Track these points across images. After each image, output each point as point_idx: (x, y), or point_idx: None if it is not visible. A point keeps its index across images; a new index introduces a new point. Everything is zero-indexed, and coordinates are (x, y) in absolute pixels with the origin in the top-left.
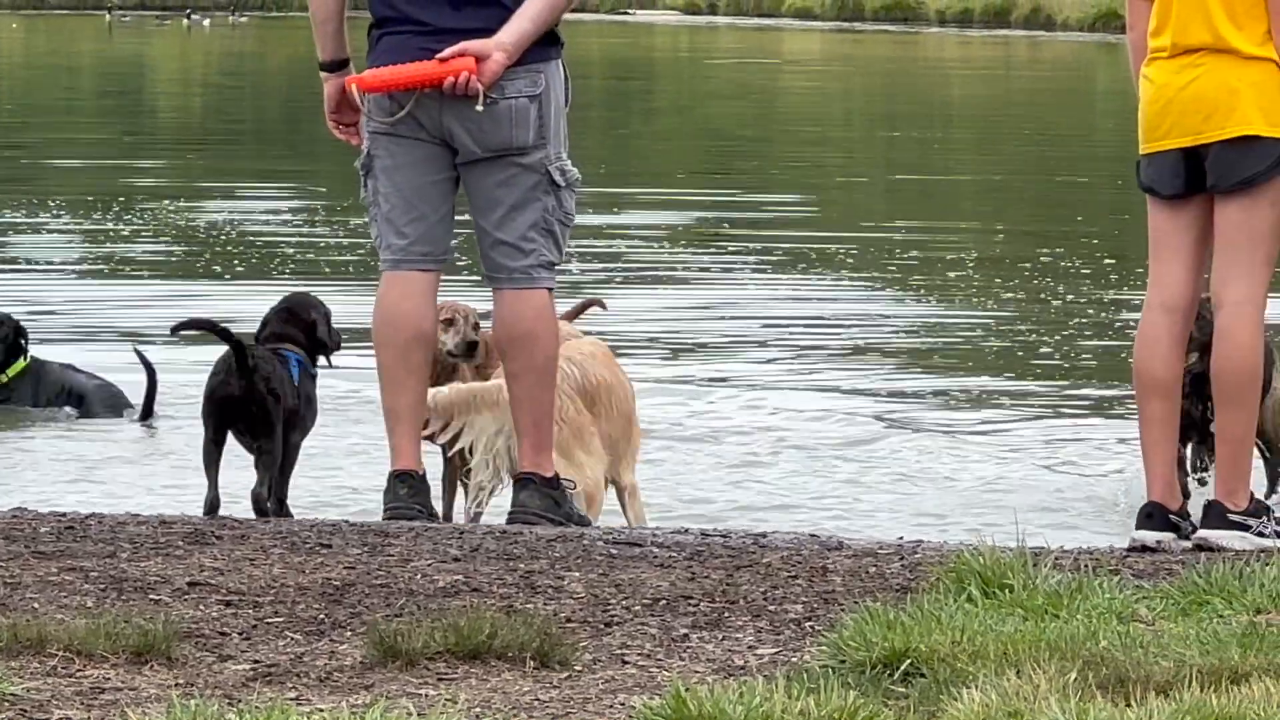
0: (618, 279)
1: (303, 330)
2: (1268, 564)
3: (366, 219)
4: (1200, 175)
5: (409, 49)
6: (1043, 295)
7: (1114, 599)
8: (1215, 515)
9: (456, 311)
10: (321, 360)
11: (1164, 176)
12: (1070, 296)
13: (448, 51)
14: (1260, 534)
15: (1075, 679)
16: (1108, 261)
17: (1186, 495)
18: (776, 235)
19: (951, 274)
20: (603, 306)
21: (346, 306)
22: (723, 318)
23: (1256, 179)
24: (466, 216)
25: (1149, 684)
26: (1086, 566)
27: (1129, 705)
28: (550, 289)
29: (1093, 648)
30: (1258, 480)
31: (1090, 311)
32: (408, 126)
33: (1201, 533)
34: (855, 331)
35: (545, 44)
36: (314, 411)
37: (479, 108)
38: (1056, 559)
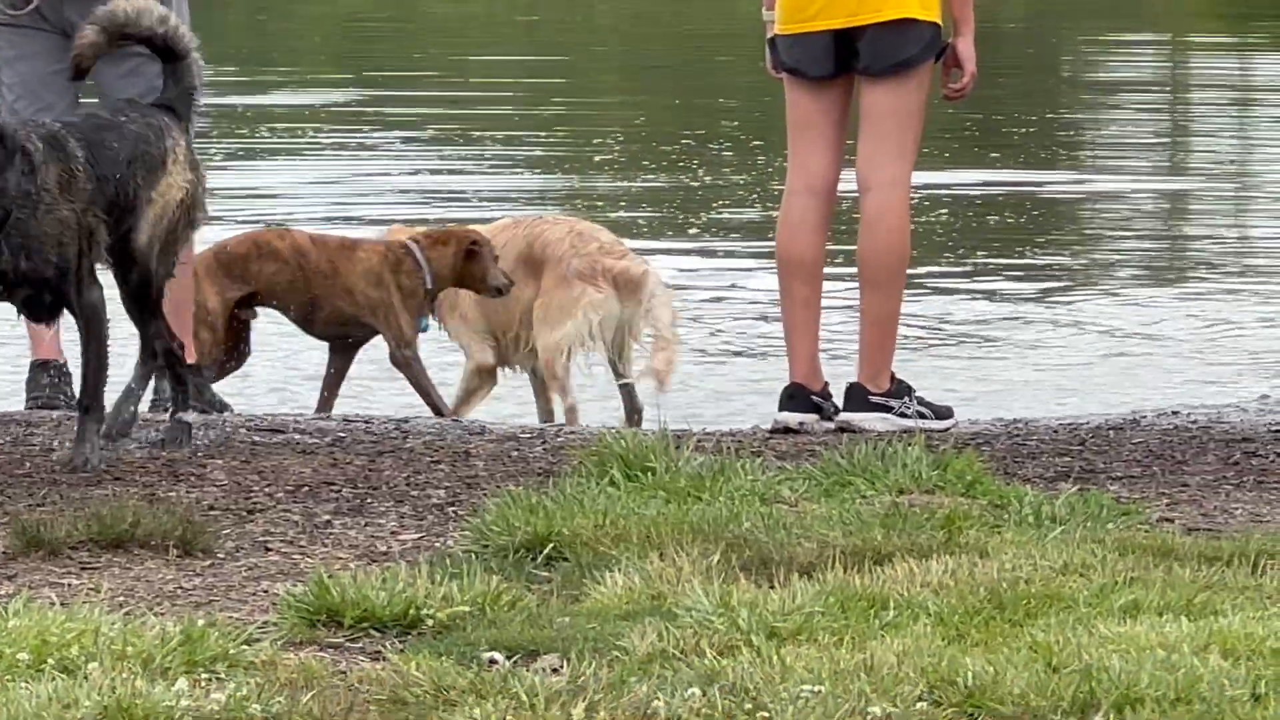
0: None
1: None
2: (910, 445)
3: None
4: (850, 57)
5: None
6: (684, 176)
7: (756, 481)
8: (857, 397)
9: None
10: None
11: (813, 57)
12: (710, 178)
13: None
14: (902, 415)
15: (718, 561)
16: (755, 143)
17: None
18: (422, 115)
19: (596, 156)
20: None
21: None
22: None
23: (910, 62)
24: None
25: (792, 565)
26: (729, 448)
27: (772, 587)
28: None
29: (736, 529)
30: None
31: (739, 192)
32: (30, 18)
33: (844, 414)
34: (502, 206)
35: None
36: None
37: None
38: (699, 441)
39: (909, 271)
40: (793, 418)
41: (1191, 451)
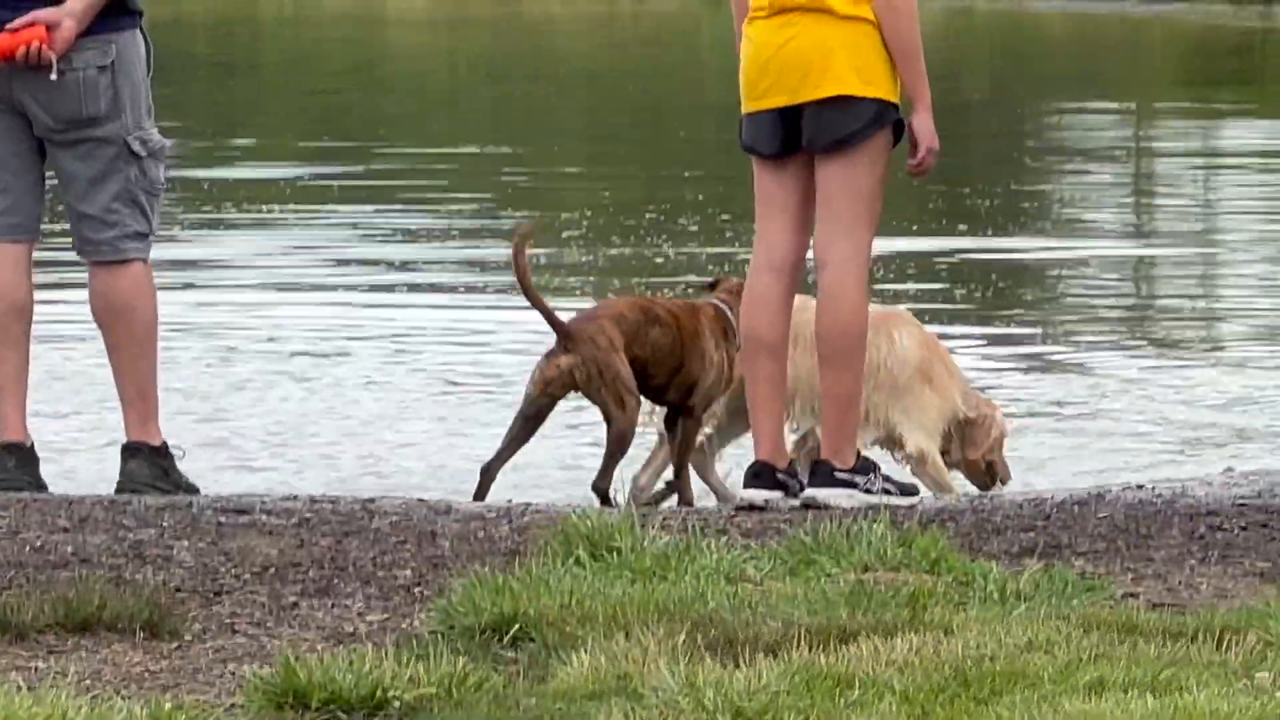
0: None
1: None
2: (875, 522)
3: None
4: (799, 134)
5: None
6: (648, 251)
7: (722, 559)
8: (823, 473)
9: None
10: None
11: (763, 136)
12: (674, 254)
13: (18, 21)
14: (868, 491)
15: (684, 640)
16: (723, 218)
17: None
18: (385, 188)
19: (564, 232)
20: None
21: None
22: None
23: (852, 138)
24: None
25: (758, 644)
26: (694, 527)
27: (738, 666)
28: (144, 260)
29: (701, 609)
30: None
31: (707, 266)
32: None
33: (809, 491)
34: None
35: (115, 14)
36: None
37: (52, 77)
38: (665, 520)
39: None
40: (758, 495)
41: (1156, 526)
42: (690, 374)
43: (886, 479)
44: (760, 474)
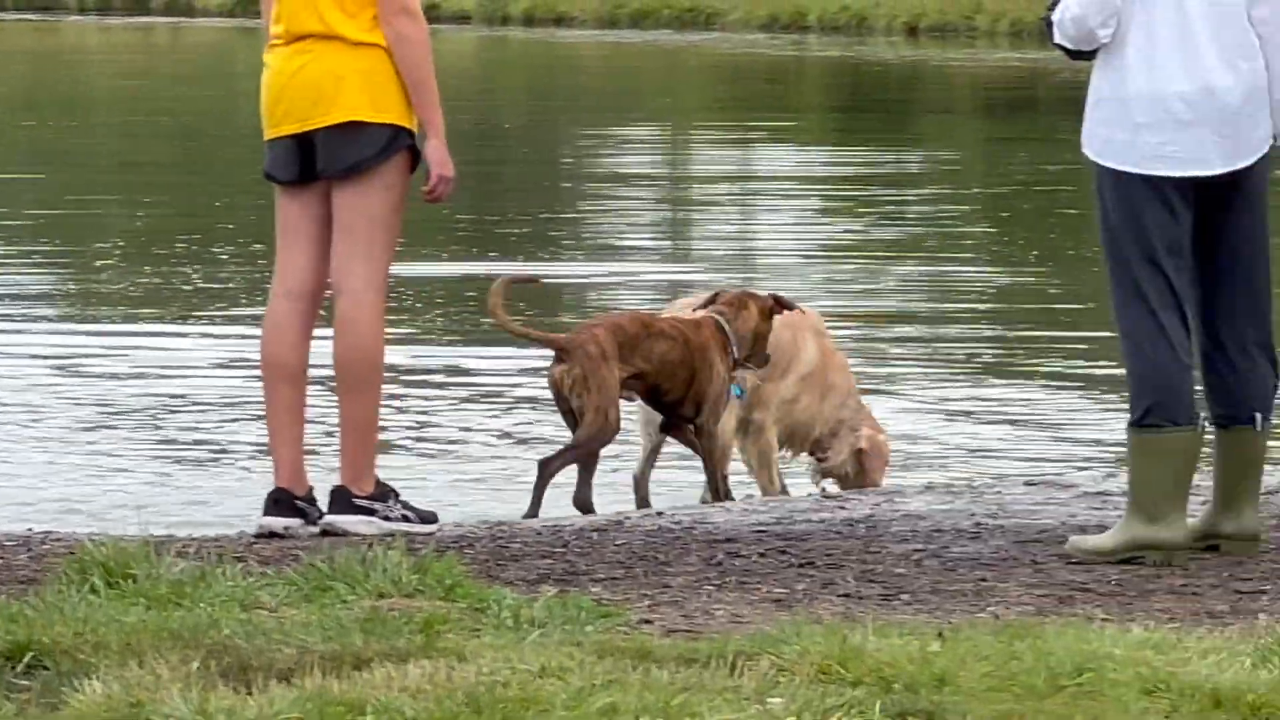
0: None
1: None
2: (391, 548)
3: None
4: (314, 161)
5: None
6: (176, 280)
7: (238, 587)
8: (342, 500)
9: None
10: None
11: (281, 163)
12: (200, 281)
13: None
14: (386, 518)
15: (198, 668)
16: (256, 246)
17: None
18: None
19: (97, 261)
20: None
21: None
22: None
23: (364, 164)
24: None
25: (271, 671)
26: (211, 554)
27: (250, 693)
28: None
29: (215, 636)
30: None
31: (237, 297)
32: None
33: (328, 518)
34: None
35: None
36: None
37: None
38: (183, 547)
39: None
40: (277, 522)
41: (675, 553)
42: (701, 386)
43: (406, 506)
44: (279, 501)
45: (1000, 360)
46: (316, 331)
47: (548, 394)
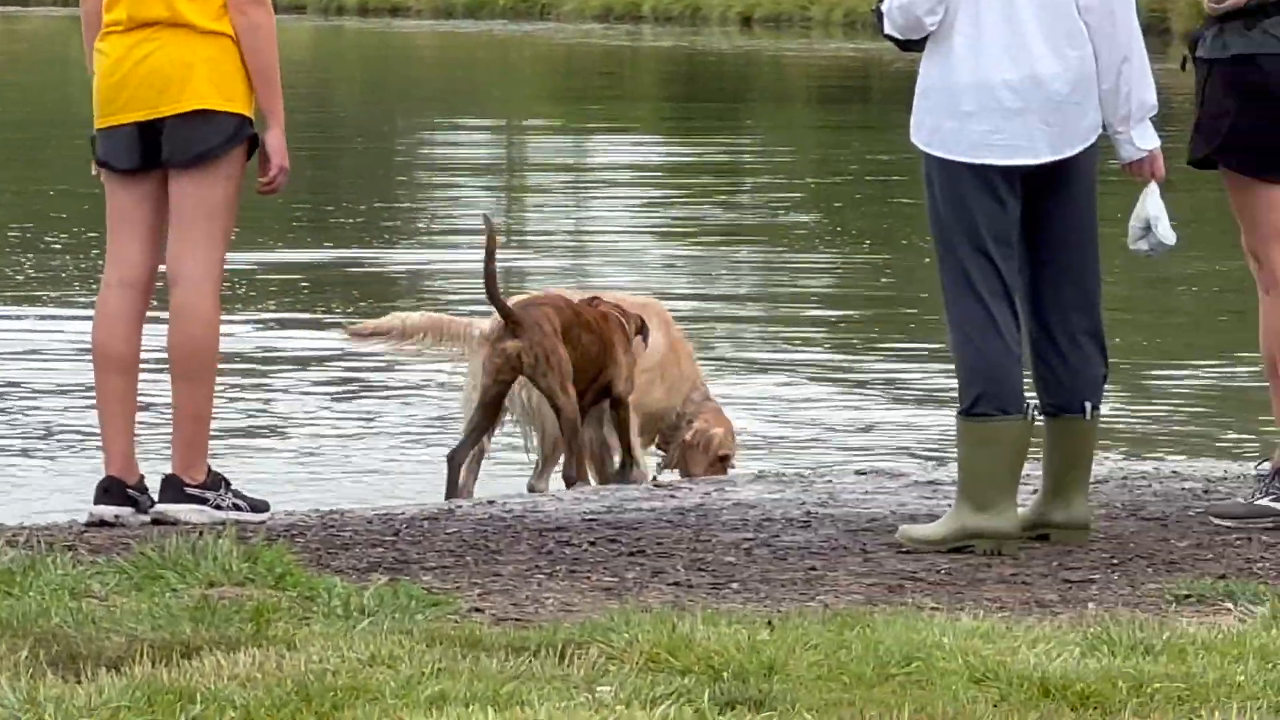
0: None
1: None
2: (222, 537)
3: None
4: (157, 149)
5: None
6: (10, 269)
7: (67, 575)
8: (173, 488)
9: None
10: None
11: (120, 150)
12: (32, 270)
13: None
14: (218, 507)
15: (26, 657)
16: (89, 235)
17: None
18: None
19: None
20: None
21: None
22: None
23: (210, 153)
24: None
25: (100, 659)
26: (41, 543)
27: (79, 682)
28: None
29: (45, 624)
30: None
31: (68, 284)
32: None
33: (160, 506)
34: None
35: None
36: None
37: None
38: (12, 535)
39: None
40: (108, 511)
41: (506, 541)
42: (610, 377)
43: (237, 494)
44: (110, 489)
45: (835, 347)
46: (149, 318)
47: (386, 380)
